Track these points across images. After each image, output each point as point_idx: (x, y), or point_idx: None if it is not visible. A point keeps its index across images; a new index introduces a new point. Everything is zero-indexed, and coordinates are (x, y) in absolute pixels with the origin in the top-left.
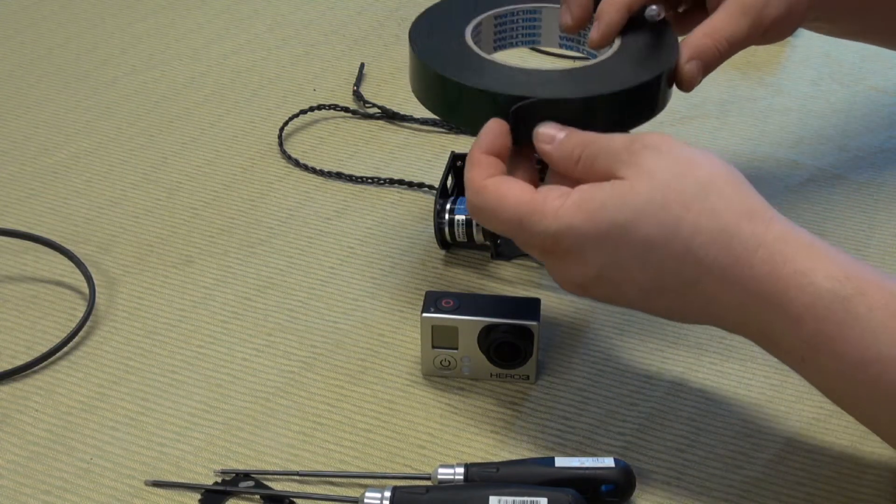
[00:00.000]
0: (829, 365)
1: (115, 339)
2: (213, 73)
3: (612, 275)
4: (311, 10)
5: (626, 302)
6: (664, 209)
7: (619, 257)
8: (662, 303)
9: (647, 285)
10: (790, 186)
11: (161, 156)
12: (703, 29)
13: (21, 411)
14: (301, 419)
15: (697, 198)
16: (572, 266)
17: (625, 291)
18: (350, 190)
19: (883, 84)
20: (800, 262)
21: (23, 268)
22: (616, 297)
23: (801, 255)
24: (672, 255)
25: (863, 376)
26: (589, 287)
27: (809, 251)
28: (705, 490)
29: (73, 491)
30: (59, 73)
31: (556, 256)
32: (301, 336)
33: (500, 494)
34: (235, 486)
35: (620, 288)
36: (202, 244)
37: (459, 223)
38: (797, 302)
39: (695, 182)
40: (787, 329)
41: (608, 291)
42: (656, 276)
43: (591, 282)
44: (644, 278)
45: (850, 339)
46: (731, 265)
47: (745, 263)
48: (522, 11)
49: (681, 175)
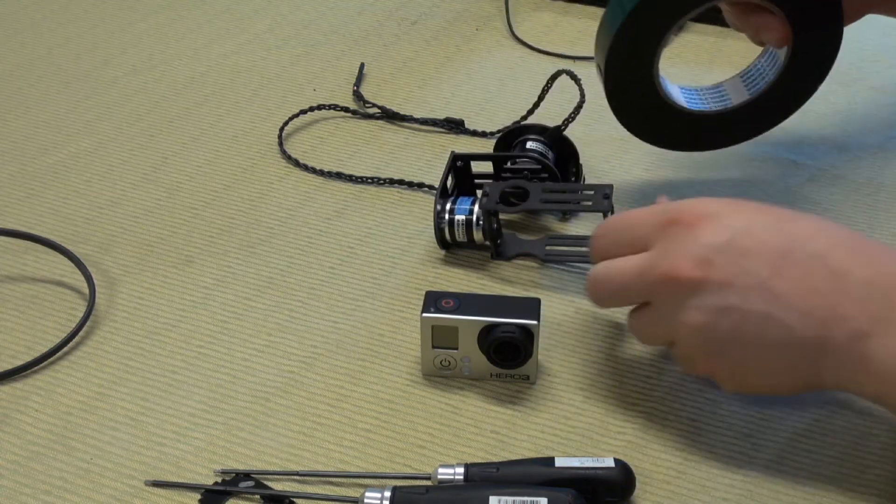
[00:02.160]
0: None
1: (115, 339)
2: (213, 73)
3: (744, 241)
4: (311, 10)
5: (747, 280)
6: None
7: (754, 221)
8: (787, 277)
9: (776, 254)
10: (790, 186)
11: (161, 156)
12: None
13: (21, 411)
14: (301, 419)
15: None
16: (704, 231)
17: (749, 264)
18: (350, 190)
19: (883, 84)
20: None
21: (23, 268)
22: (737, 274)
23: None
24: (806, 225)
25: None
26: (713, 259)
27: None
28: (705, 490)
29: (73, 491)
30: (59, 73)
31: (684, 225)
32: (301, 336)
33: (500, 494)
34: (235, 486)
35: (746, 258)
36: (202, 244)
37: (459, 223)
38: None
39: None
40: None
41: (733, 266)
42: (786, 244)
43: (718, 250)
44: (774, 244)
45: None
46: (856, 242)
47: (868, 242)
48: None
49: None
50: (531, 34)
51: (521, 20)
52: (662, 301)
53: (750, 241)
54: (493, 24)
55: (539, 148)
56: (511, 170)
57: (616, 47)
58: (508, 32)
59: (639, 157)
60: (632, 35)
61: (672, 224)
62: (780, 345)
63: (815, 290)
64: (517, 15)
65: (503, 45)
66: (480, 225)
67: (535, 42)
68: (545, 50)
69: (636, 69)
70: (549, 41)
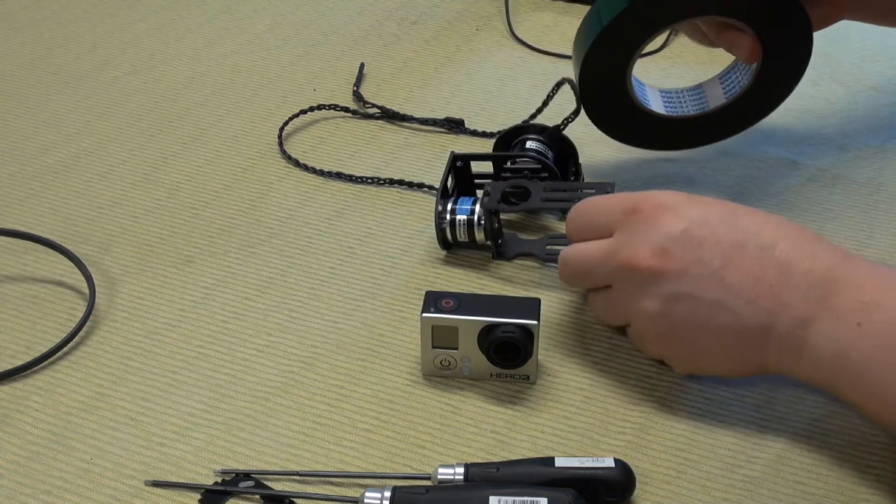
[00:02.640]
0: (884, 322)
1: (115, 339)
2: (213, 73)
3: (700, 231)
4: (311, 10)
5: (700, 269)
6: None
7: (709, 213)
8: (737, 268)
9: (728, 245)
10: (790, 186)
11: (161, 156)
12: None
13: (21, 411)
14: (301, 419)
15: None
16: (663, 222)
17: (703, 254)
18: (350, 190)
19: (883, 84)
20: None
21: (23, 268)
22: (692, 263)
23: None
24: (755, 221)
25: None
26: (669, 249)
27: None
28: (705, 490)
29: (73, 491)
30: (59, 73)
31: (644, 215)
32: (301, 336)
33: (500, 494)
34: (235, 486)
35: (701, 248)
36: (202, 244)
37: (461, 223)
38: (861, 269)
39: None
40: (849, 293)
41: (688, 255)
42: (739, 236)
43: (675, 240)
44: (728, 236)
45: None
46: (803, 236)
47: (814, 237)
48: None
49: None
50: (531, 34)
51: (521, 20)
52: (622, 286)
53: (705, 232)
54: (493, 24)
55: (539, 147)
56: (511, 169)
57: (590, 61)
58: (508, 32)
59: (639, 156)
60: (605, 51)
61: (634, 213)
62: (729, 331)
63: (762, 280)
64: (517, 15)
65: (503, 45)
66: (482, 225)
67: (535, 42)
68: (545, 50)
69: (611, 80)
70: (549, 41)
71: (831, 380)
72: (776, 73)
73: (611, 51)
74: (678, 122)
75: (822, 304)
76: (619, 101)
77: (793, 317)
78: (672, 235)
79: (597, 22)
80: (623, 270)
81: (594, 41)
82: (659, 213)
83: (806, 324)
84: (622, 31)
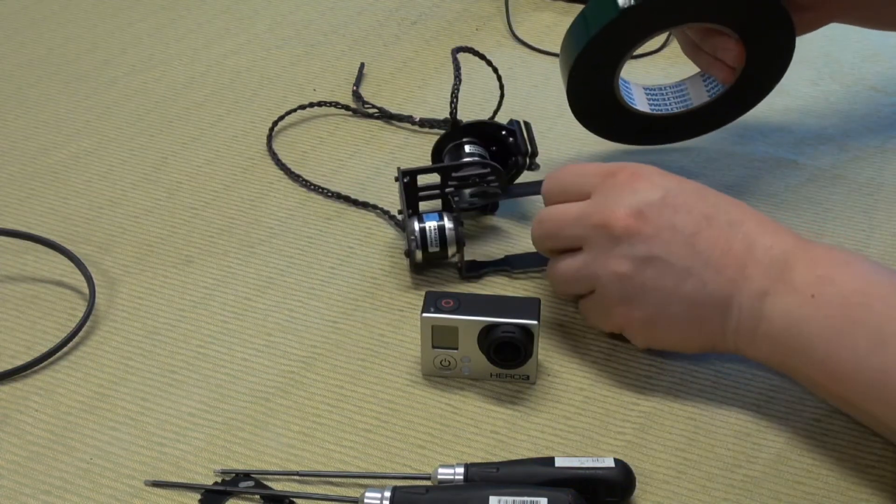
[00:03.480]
0: (836, 295)
1: (115, 339)
2: (212, 73)
3: (675, 200)
4: (311, 10)
5: (673, 234)
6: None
7: (685, 187)
8: (707, 237)
9: (700, 215)
10: (790, 186)
11: (161, 156)
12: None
13: (21, 411)
14: (301, 419)
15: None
16: (640, 186)
17: (677, 220)
18: (350, 191)
19: (883, 84)
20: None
21: (23, 268)
22: (665, 228)
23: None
24: (725, 199)
25: (876, 293)
26: (645, 212)
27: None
28: (705, 490)
29: (73, 491)
30: (59, 73)
31: (622, 179)
32: (301, 336)
33: (500, 494)
34: (235, 486)
35: (676, 214)
36: (202, 244)
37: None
38: (817, 249)
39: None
40: (805, 268)
41: (663, 220)
42: (710, 210)
43: (651, 204)
44: (700, 207)
45: (858, 273)
46: (766, 219)
47: (777, 223)
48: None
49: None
50: (531, 34)
51: (521, 20)
52: (593, 246)
53: (679, 201)
54: (493, 24)
55: (477, 150)
56: (459, 178)
57: (577, 68)
58: (508, 32)
59: (638, 157)
60: (593, 58)
61: (610, 177)
62: (693, 298)
63: (729, 252)
64: (517, 15)
65: (503, 45)
66: (455, 229)
67: (535, 42)
68: (545, 50)
69: (598, 85)
70: (549, 41)
71: (783, 354)
72: (759, 72)
73: (599, 57)
74: (663, 119)
75: (780, 278)
76: (607, 103)
77: (753, 289)
78: (648, 200)
79: (584, 31)
80: (597, 229)
81: (581, 51)
82: (636, 179)
83: (764, 296)
84: (610, 40)
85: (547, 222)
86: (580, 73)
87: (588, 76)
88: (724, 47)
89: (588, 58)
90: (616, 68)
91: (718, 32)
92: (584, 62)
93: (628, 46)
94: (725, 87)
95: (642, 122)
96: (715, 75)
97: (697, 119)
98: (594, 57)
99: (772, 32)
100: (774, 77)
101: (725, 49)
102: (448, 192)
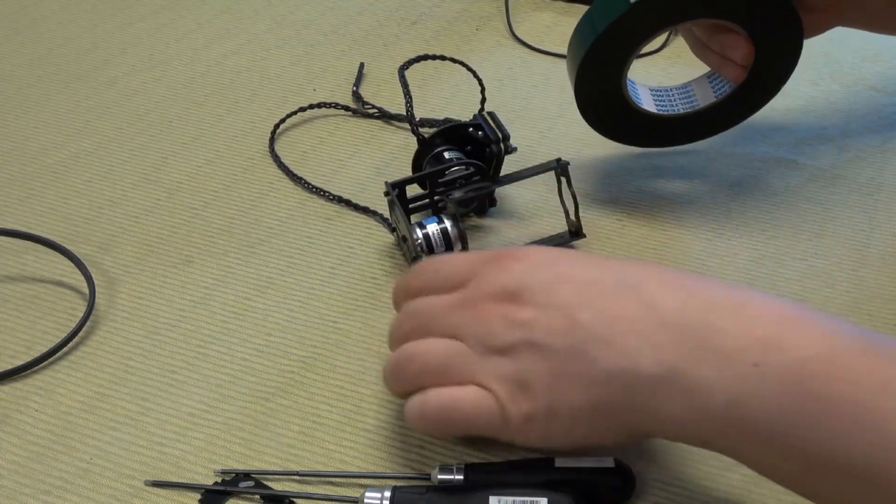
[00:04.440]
0: (782, 365)
1: (115, 339)
2: (213, 73)
3: (553, 270)
4: (311, 10)
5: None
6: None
7: (569, 257)
8: (595, 305)
9: (584, 282)
10: (790, 186)
11: (161, 156)
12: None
13: (21, 411)
14: (301, 419)
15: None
16: (518, 264)
17: (557, 293)
18: (350, 191)
19: (883, 84)
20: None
21: (23, 268)
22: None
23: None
24: (618, 263)
25: (819, 369)
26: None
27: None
28: (705, 490)
29: (73, 491)
30: (59, 73)
31: (500, 259)
32: (301, 336)
33: (500, 494)
34: (235, 486)
35: (555, 287)
36: (202, 244)
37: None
38: (746, 300)
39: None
40: (738, 329)
41: (540, 295)
42: (597, 274)
43: (529, 279)
44: (584, 275)
45: (811, 332)
46: (671, 272)
47: (686, 273)
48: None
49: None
50: (531, 34)
51: (521, 20)
52: (471, 338)
53: (560, 271)
54: (493, 24)
55: (455, 154)
56: (444, 184)
57: (585, 66)
58: (508, 32)
59: (638, 158)
60: (600, 56)
61: (488, 262)
62: (586, 379)
63: (621, 318)
64: (517, 15)
65: (503, 45)
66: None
67: (535, 42)
68: (545, 50)
69: (606, 84)
70: (549, 41)
71: (726, 438)
72: (766, 72)
73: (606, 56)
74: (669, 120)
75: (705, 345)
76: (614, 103)
77: (665, 360)
78: (526, 274)
79: (591, 29)
80: (472, 319)
81: (589, 48)
82: (514, 256)
83: (683, 368)
84: (617, 37)
85: (417, 316)
86: (588, 71)
87: (596, 75)
88: (733, 45)
89: (596, 56)
90: (623, 67)
91: (726, 29)
92: (592, 60)
93: (635, 44)
94: (732, 88)
95: (649, 123)
96: (725, 75)
97: (704, 120)
98: (601, 55)
99: (779, 30)
100: (781, 77)
101: (734, 47)
102: (437, 200)
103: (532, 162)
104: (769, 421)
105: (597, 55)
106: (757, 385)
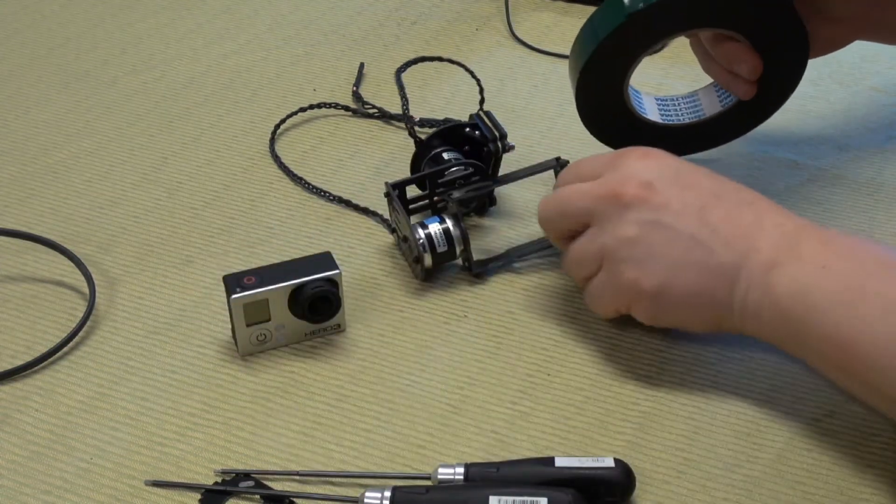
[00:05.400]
0: (847, 266)
1: (115, 339)
2: (213, 73)
3: (685, 177)
4: (311, 10)
5: (683, 206)
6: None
7: (695, 167)
8: (716, 211)
9: (710, 192)
10: (790, 186)
11: (161, 156)
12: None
13: (21, 411)
14: (301, 419)
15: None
16: (652, 162)
17: (687, 195)
18: (350, 190)
19: (883, 84)
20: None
21: (23, 268)
22: (675, 199)
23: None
24: (736, 183)
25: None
26: (655, 185)
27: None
28: (705, 490)
29: (73, 491)
30: (59, 73)
31: (634, 157)
32: None
33: (500, 494)
34: (235, 486)
35: (686, 190)
36: (202, 244)
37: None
38: (828, 231)
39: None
40: (815, 244)
41: (672, 193)
42: (720, 187)
43: (661, 178)
44: (710, 185)
45: (871, 245)
46: (780, 206)
47: (790, 211)
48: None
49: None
50: (531, 34)
51: (521, 20)
52: (600, 218)
53: (690, 178)
54: (493, 24)
55: (453, 155)
56: (444, 184)
57: (586, 75)
58: (508, 32)
59: None
60: (602, 63)
61: (621, 157)
62: (701, 267)
63: (739, 224)
64: (517, 15)
65: (503, 45)
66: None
67: (535, 42)
68: (545, 50)
69: (608, 92)
70: (549, 41)
71: (788, 326)
72: (773, 82)
73: (608, 64)
74: (674, 129)
75: (790, 251)
76: (617, 112)
77: (762, 261)
78: (660, 174)
79: (592, 36)
80: (605, 199)
81: (590, 57)
82: (649, 157)
83: (772, 267)
84: (619, 45)
85: (554, 200)
86: (589, 80)
87: (597, 84)
88: (738, 57)
89: (597, 65)
90: (625, 76)
91: (730, 39)
92: (593, 69)
93: (637, 52)
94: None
95: (653, 133)
96: (735, 91)
97: (709, 130)
98: (603, 64)
99: (784, 39)
100: (788, 87)
101: (740, 60)
102: (437, 200)
103: (532, 161)
104: (827, 308)
105: (598, 65)
106: (821, 280)
